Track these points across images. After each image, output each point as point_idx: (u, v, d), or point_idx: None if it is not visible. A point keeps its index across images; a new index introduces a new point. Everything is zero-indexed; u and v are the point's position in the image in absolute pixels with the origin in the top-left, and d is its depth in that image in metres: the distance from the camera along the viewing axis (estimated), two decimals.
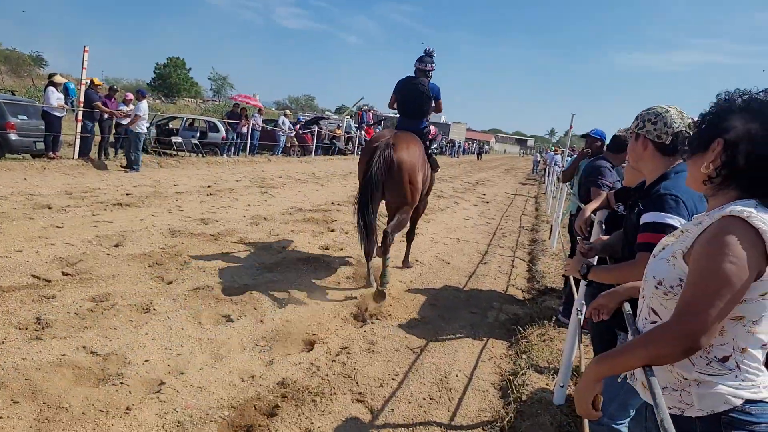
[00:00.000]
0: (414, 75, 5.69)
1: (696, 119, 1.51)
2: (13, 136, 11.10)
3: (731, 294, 1.23)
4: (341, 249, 6.68)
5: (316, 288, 5.05)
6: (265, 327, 4.01)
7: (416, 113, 5.73)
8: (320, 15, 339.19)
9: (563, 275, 6.09)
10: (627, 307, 1.91)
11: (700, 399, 1.35)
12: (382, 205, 5.38)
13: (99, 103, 12.01)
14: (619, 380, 1.79)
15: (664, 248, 1.53)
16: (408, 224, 5.89)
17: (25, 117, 11.61)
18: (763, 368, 1.36)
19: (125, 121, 12.31)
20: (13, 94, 15.92)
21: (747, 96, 1.39)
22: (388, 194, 5.17)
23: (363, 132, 27.72)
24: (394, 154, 4.94)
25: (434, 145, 6.15)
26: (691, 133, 1.44)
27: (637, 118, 2.16)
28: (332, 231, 7.70)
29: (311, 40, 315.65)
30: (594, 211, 3.33)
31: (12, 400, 2.66)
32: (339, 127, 26.58)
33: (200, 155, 16.37)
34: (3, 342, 3.24)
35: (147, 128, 16.52)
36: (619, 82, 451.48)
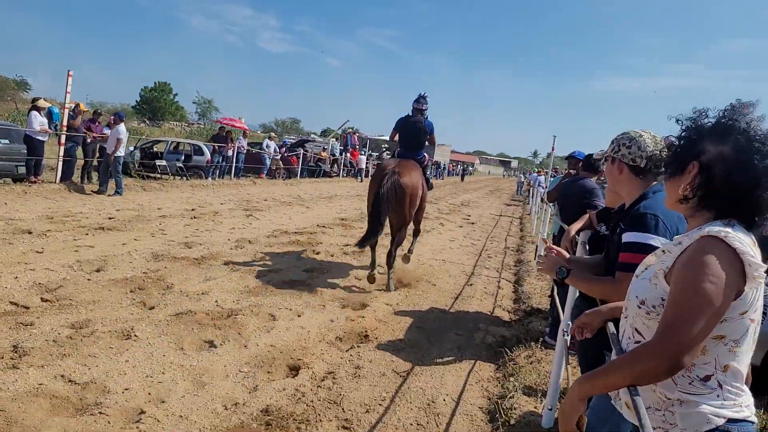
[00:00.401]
0: (412, 113, 6.72)
1: (670, 141, 1.54)
2: None
3: (712, 314, 1.25)
4: (326, 272, 6.63)
5: (301, 311, 5.00)
6: (249, 352, 3.94)
7: (415, 145, 6.80)
8: (303, 39, 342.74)
9: (538, 270, 6.11)
10: (611, 326, 1.91)
11: (683, 419, 1.35)
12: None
13: (81, 126, 11.91)
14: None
15: (646, 268, 1.54)
16: (411, 228, 7.36)
17: (7, 141, 11.47)
18: (745, 387, 1.38)
19: (109, 146, 12.21)
20: None
21: (713, 118, 1.42)
22: (398, 211, 6.22)
23: (348, 154, 27.85)
24: (400, 179, 6.00)
25: (429, 170, 7.76)
26: (666, 155, 1.47)
27: (612, 143, 2.21)
28: (317, 254, 7.66)
29: (295, 64, 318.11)
30: (578, 232, 3.36)
31: None
32: (324, 149, 26.67)
33: (185, 178, 16.28)
34: None
35: (131, 152, 16.51)
36: (599, 105, 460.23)
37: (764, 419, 3.55)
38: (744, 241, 1.27)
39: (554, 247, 2.37)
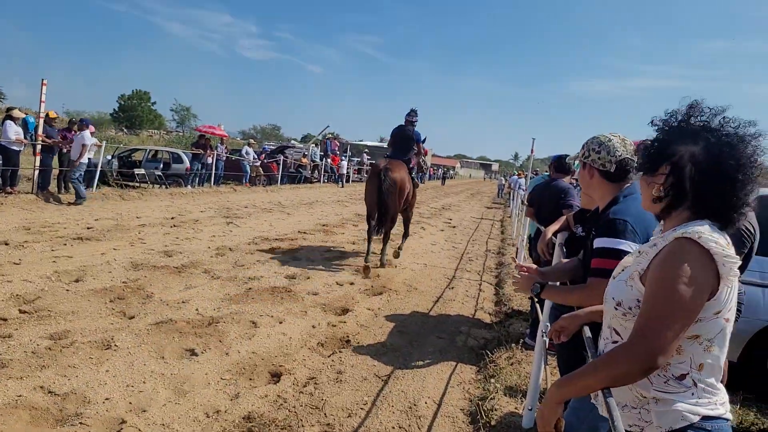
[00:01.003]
0: (404, 124, 8.33)
1: (645, 143, 1.57)
2: None
3: (686, 314, 1.27)
4: (308, 278, 6.64)
5: (282, 318, 5.00)
6: (230, 360, 3.94)
7: (404, 150, 8.29)
8: (284, 46, 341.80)
9: (515, 292, 6.21)
10: (587, 331, 1.96)
11: (658, 417, 1.37)
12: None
13: (42, 136, 11.67)
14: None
15: (623, 270, 1.57)
16: (404, 224, 9.08)
17: None
18: (720, 385, 1.39)
19: (73, 153, 11.99)
20: None
21: (682, 120, 1.45)
22: (388, 199, 7.51)
23: (329, 160, 27.84)
24: (389, 173, 7.47)
25: (415, 171, 8.71)
26: (639, 157, 1.51)
27: (582, 147, 2.26)
28: (298, 260, 7.66)
29: (275, 70, 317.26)
30: (555, 233, 3.43)
31: None
32: (305, 155, 26.62)
33: (164, 187, 16.14)
34: None
35: (109, 160, 16.31)
36: (576, 106, 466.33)
37: (740, 415, 3.65)
38: (718, 241, 1.29)
39: (524, 265, 2.41)
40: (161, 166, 17.51)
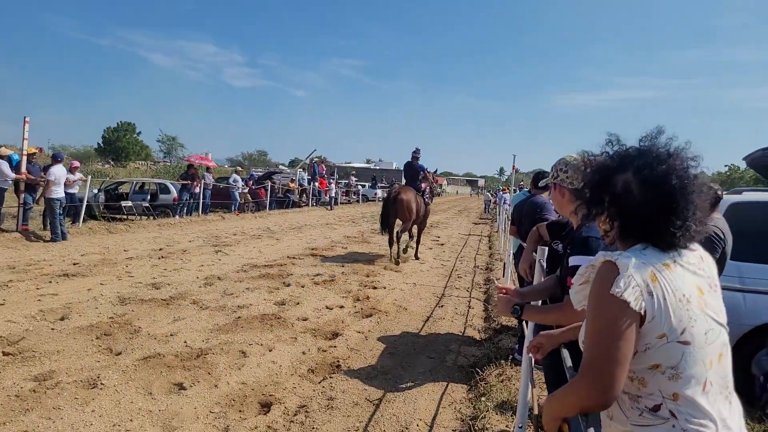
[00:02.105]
0: (411, 160, 11.24)
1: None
2: None
3: (622, 340, 1.24)
4: (298, 303, 6.62)
5: (272, 346, 4.98)
6: (219, 392, 3.90)
7: (412, 179, 11.22)
8: (268, 73, 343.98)
9: (496, 316, 6.24)
10: (565, 353, 1.98)
11: None
12: None
13: (26, 173, 11.57)
14: None
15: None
16: (415, 230, 11.73)
17: None
18: (709, 414, 1.30)
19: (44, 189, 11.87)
20: None
21: (614, 148, 1.45)
22: (399, 215, 10.38)
23: (317, 183, 27.90)
24: (400, 195, 10.33)
25: (426, 194, 11.49)
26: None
27: (552, 169, 2.31)
28: (288, 285, 7.64)
29: (261, 97, 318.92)
30: (535, 250, 3.47)
31: None
32: (292, 180, 26.66)
33: (152, 218, 16.07)
34: None
35: (95, 194, 16.22)
36: (559, 120, 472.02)
37: None
38: (637, 264, 1.28)
39: (503, 286, 2.43)
40: (148, 197, 17.47)
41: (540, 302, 2.67)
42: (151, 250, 10.44)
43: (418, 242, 11.61)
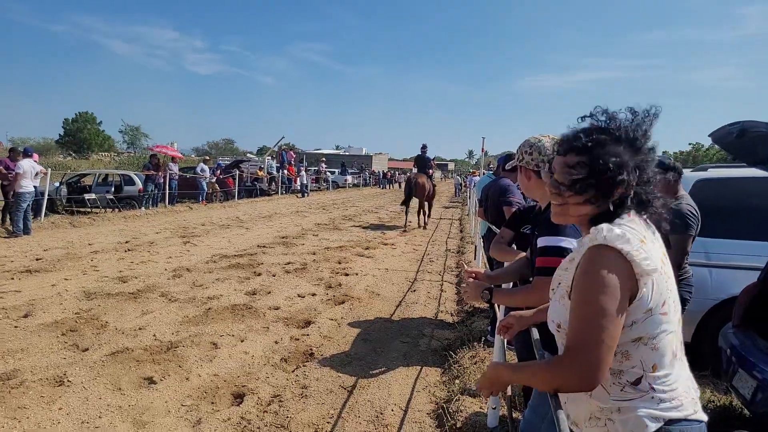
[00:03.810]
0: (420, 153, 14.56)
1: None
2: None
3: (613, 325, 1.23)
4: (269, 292, 6.56)
5: (244, 336, 4.93)
6: (190, 384, 3.85)
7: (423, 167, 14.60)
8: (232, 59, 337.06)
9: (465, 302, 6.30)
10: (535, 333, 1.99)
11: (623, 426, 1.34)
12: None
13: None
14: None
15: (558, 285, 1.60)
16: (426, 206, 14.87)
17: None
18: (679, 385, 1.35)
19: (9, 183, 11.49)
20: None
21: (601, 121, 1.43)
22: (417, 194, 13.93)
23: (285, 171, 27.62)
24: (417, 180, 13.93)
25: (432, 177, 14.96)
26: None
27: (517, 152, 2.31)
28: (259, 275, 7.57)
29: (226, 84, 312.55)
30: (502, 236, 3.49)
31: None
32: (261, 168, 26.34)
33: (117, 210, 15.69)
34: None
35: (57, 187, 15.74)
36: (528, 103, 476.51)
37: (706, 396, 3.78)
38: (629, 239, 1.27)
39: (472, 270, 2.41)
40: (113, 189, 17.06)
41: (511, 285, 2.69)
42: (117, 243, 10.20)
43: (428, 215, 15.00)
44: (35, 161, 12.23)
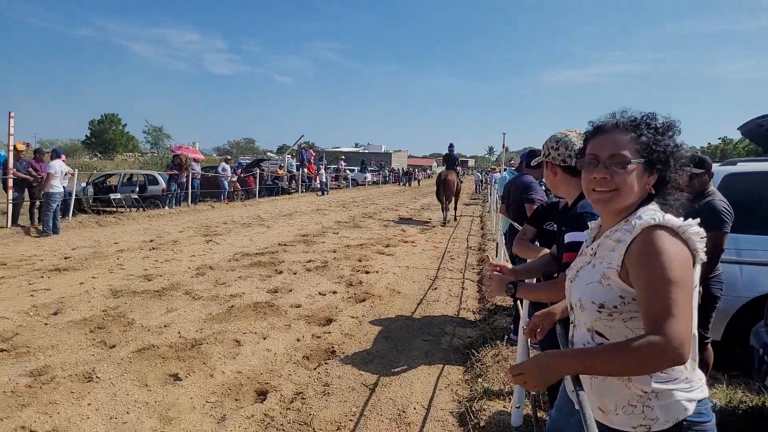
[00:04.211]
0: (449, 152, 16.11)
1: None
2: None
3: (689, 296, 1.27)
4: (290, 290, 6.62)
5: (266, 334, 4.98)
6: (215, 381, 3.91)
7: (451, 164, 15.84)
8: (252, 59, 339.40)
9: (489, 296, 6.27)
10: (559, 328, 1.97)
11: (663, 411, 1.34)
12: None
13: (14, 170, 11.47)
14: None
15: (577, 271, 1.58)
16: (453, 201, 16.08)
17: None
18: (694, 354, 1.38)
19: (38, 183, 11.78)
20: None
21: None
22: (447, 190, 15.31)
23: (305, 169, 27.77)
24: (448, 177, 15.21)
25: (458, 173, 16.33)
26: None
27: (543, 147, 2.29)
28: (280, 273, 7.63)
29: (246, 84, 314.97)
30: (525, 233, 3.46)
31: None
32: (281, 167, 26.53)
33: (141, 210, 15.95)
34: None
35: (83, 187, 16.07)
36: (545, 97, 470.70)
37: (728, 393, 3.70)
38: (679, 220, 1.34)
39: (496, 264, 2.41)
40: (137, 189, 17.35)
41: (534, 281, 2.67)
42: (142, 241, 10.38)
43: (455, 208, 16.70)
44: (63, 160, 12.50)
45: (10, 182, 11.46)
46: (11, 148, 11.47)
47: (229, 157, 26.23)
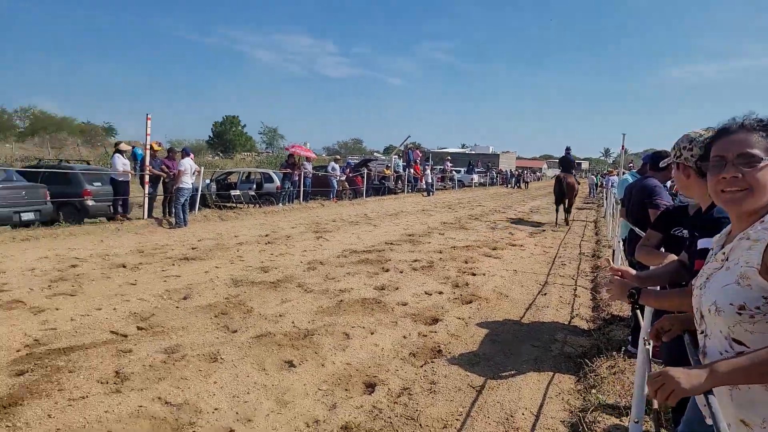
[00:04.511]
0: (565, 154, 16.28)
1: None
2: (90, 202, 12.07)
3: None
4: (397, 288, 6.71)
5: (374, 329, 5.10)
6: (326, 371, 4.07)
7: (568, 168, 15.93)
8: (362, 62, 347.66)
9: (608, 301, 5.91)
10: (687, 337, 1.84)
11: None
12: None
13: (150, 167, 12.73)
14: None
15: (708, 278, 1.48)
16: (570, 204, 16.11)
17: (99, 184, 12.59)
18: None
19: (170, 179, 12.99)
20: (88, 164, 17.19)
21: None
22: (568, 193, 15.49)
23: (411, 170, 28.01)
24: (566, 180, 15.34)
25: (575, 176, 16.58)
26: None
27: (674, 148, 2.14)
28: (387, 271, 7.77)
29: (356, 86, 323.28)
30: (648, 239, 3.25)
31: None
32: (388, 167, 26.99)
33: (258, 206, 16.99)
34: (87, 396, 3.45)
35: (207, 184, 17.44)
36: (671, 95, 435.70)
37: None
38: None
39: (618, 268, 2.28)
40: (254, 186, 18.49)
41: (658, 288, 2.50)
42: (259, 236, 11.05)
43: (570, 212, 16.53)
44: (192, 160, 13.65)
45: (147, 178, 12.74)
46: (148, 147, 12.74)
47: (338, 157, 27.15)
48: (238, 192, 17.51)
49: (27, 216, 10.92)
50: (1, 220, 10.46)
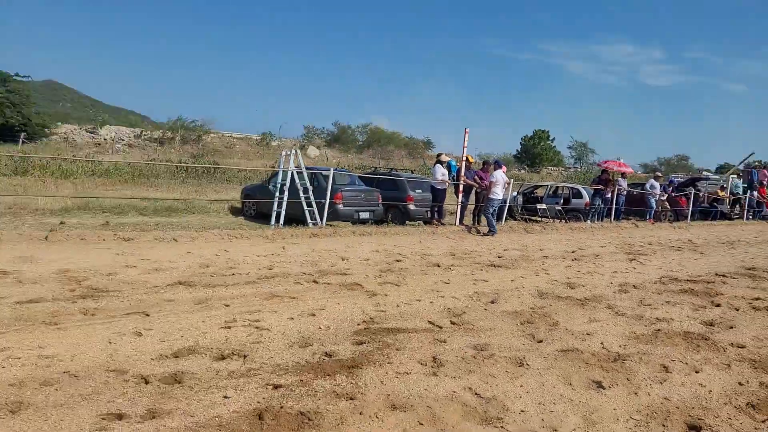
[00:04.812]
0: None
1: None
2: (412, 207, 13.76)
3: None
4: (731, 327, 5.71)
5: (699, 367, 4.46)
6: (639, 400, 3.75)
7: None
8: (694, 67, 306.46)
9: None
10: None
11: None
12: None
13: (464, 177, 13.65)
14: None
15: None
16: None
17: (420, 191, 14.24)
18: None
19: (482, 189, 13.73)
20: (412, 173, 19.60)
21: None
22: None
23: (755, 193, 23.48)
24: None
25: None
26: None
27: None
28: (718, 306, 6.69)
29: (684, 95, 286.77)
30: None
31: (418, 422, 3.21)
32: (723, 188, 23.17)
33: (563, 221, 16.65)
34: (410, 373, 3.95)
35: (515, 197, 17.92)
36: None
37: None
38: None
39: None
40: (561, 201, 18.19)
41: None
42: (564, 251, 10.83)
43: None
44: (503, 173, 14.24)
45: (461, 187, 13.79)
46: (464, 159, 13.79)
47: (659, 174, 24.53)
48: (544, 206, 17.50)
49: (364, 215, 13.15)
50: (345, 217, 12.81)
